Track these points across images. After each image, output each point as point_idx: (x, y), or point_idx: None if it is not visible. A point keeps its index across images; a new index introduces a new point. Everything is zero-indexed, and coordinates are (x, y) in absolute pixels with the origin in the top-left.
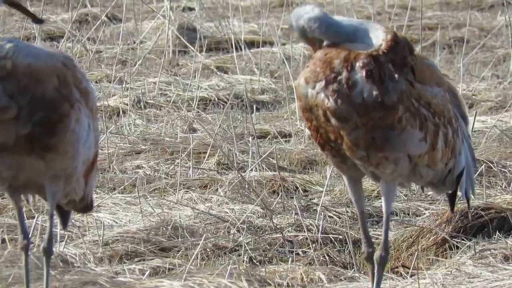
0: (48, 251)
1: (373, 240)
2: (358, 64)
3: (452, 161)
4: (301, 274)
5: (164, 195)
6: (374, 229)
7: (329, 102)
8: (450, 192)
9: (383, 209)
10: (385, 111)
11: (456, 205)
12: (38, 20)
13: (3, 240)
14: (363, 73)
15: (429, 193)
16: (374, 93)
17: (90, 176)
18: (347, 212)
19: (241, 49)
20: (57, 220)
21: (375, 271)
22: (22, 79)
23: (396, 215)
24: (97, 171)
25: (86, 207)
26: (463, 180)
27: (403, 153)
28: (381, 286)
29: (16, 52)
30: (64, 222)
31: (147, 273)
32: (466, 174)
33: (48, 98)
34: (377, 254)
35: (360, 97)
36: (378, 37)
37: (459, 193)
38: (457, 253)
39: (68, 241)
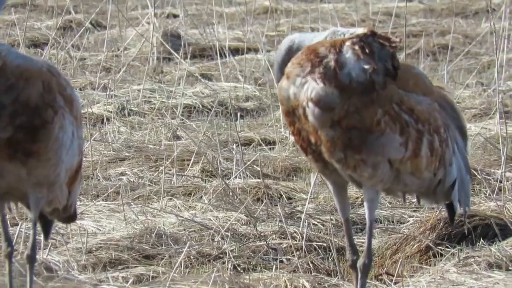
0: (31, 259)
1: (357, 247)
2: (347, 44)
3: (442, 171)
4: (285, 281)
5: (148, 203)
6: (359, 236)
7: (314, 89)
8: (446, 203)
9: (366, 217)
10: (367, 98)
11: (439, 212)
12: None
13: None
14: (355, 48)
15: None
16: (367, 66)
17: (74, 185)
18: (331, 219)
19: (225, 56)
20: (40, 229)
21: (359, 279)
22: (10, 78)
23: (380, 223)
24: (81, 180)
25: (69, 216)
26: (456, 192)
27: (382, 157)
28: None
29: (7, 53)
30: (46, 233)
31: (130, 281)
32: (460, 186)
33: (32, 103)
34: (360, 262)
35: (348, 78)
36: (357, 30)
37: (457, 207)
38: (441, 260)
39: (51, 248)
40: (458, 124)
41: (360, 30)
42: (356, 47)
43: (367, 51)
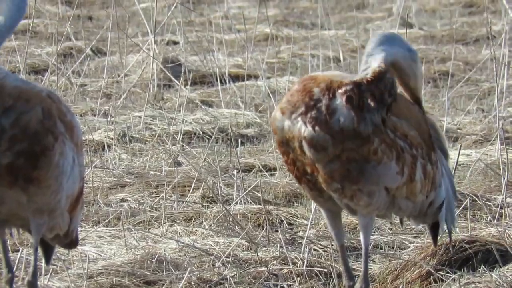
0: (32, 285)
1: (356, 273)
2: (340, 91)
3: (433, 193)
4: None
5: (149, 228)
6: (359, 262)
7: (307, 130)
8: (430, 223)
9: (362, 242)
10: (360, 141)
11: (440, 238)
12: None
13: None
14: (343, 98)
15: (408, 223)
16: (352, 118)
17: (75, 212)
18: (332, 245)
19: (225, 83)
20: (41, 254)
21: None
22: (8, 100)
23: (381, 248)
24: (82, 206)
25: (71, 242)
26: (443, 212)
27: (378, 185)
28: None
29: (6, 75)
30: (48, 258)
31: None
32: (447, 206)
33: (32, 129)
34: (357, 287)
35: (338, 124)
36: (372, 64)
37: (444, 227)
38: (442, 286)
39: (53, 274)
40: (440, 145)
41: (374, 65)
42: (345, 98)
43: (355, 102)
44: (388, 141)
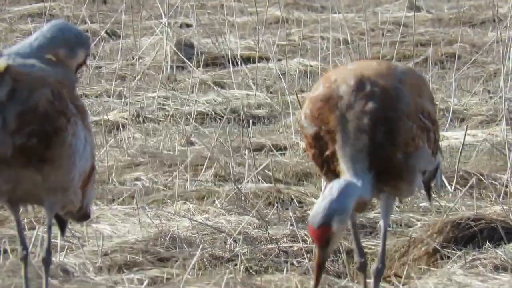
0: (47, 261)
1: (366, 250)
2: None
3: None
4: (296, 283)
5: (162, 207)
6: (367, 239)
7: None
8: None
9: (381, 223)
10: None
11: (447, 216)
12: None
13: (5, 251)
14: None
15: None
16: None
17: (87, 188)
18: None
19: (237, 65)
20: (56, 231)
21: (372, 283)
22: (10, 83)
23: (389, 226)
24: (94, 183)
25: (84, 215)
26: (439, 173)
27: (416, 172)
28: None
29: (13, 58)
30: (62, 230)
31: (145, 282)
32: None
33: (41, 111)
34: (373, 267)
35: None
36: None
37: (438, 182)
38: (448, 263)
39: (68, 251)
40: None
41: None
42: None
43: None
44: (420, 124)
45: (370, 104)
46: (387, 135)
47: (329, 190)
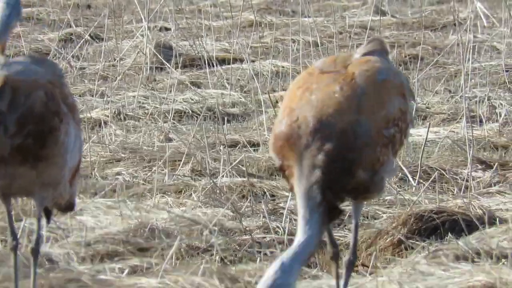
0: (35, 252)
1: (337, 241)
2: None
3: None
4: None
5: (142, 200)
6: (337, 230)
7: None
8: None
9: (353, 219)
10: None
11: (410, 209)
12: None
13: None
14: None
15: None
16: None
17: (73, 180)
18: None
19: (213, 66)
20: (43, 223)
21: (344, 274)
22: (10, 94)
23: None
24: (79, 175)
25: (68, 207)
26: None
27: (384, 181)
28: (340, 283)
29: (7, 67)
30: (48, 218)
31: (126, 271)
32: None
33: (37, 112)
34: (345, 258)
35: None
36: None
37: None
38: (412, 253)
39: (53, 242)
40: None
41: None
42: None
43: None
44: (384, 142)
45: (327, 145)
46: (344, 171)
47: (279, 262)
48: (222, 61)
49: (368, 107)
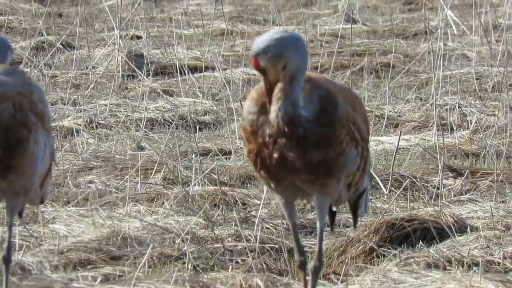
0: (7, 260)
1: (306, 249)
2: None
3: (366, 181)
4: (240, 280)
5: (114, 208)
6: (307, 239)
7: None
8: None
9: (318, 224)
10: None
11: (382, 217)
12: None
13: None
14: None
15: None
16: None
17: (44, 182)
18: (283, 223)
19: (185, 74)
20: (15, 231)
21: (310, 280)
22: None
23: (328, 226)
24: (51, 176)
25: (40, 201)
26: (364, 197)
27: (344, 171)
28: None
29: None
30: (20, 214)
31: (99, 279)
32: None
33: (4, 124)
34: (311, 264)
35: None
36: None
37: (361, 211)
38: (383, 261)
39: (26, 250)
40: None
41: None
42: None
43: None
44: (350, 134)
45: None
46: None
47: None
48: (194, 69)
49: (343, 97)
